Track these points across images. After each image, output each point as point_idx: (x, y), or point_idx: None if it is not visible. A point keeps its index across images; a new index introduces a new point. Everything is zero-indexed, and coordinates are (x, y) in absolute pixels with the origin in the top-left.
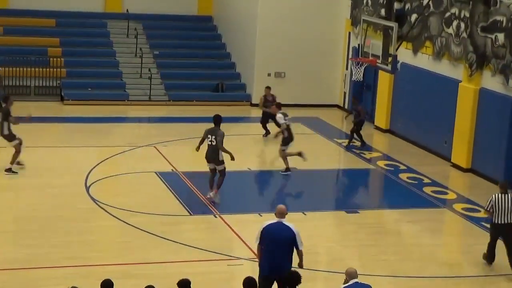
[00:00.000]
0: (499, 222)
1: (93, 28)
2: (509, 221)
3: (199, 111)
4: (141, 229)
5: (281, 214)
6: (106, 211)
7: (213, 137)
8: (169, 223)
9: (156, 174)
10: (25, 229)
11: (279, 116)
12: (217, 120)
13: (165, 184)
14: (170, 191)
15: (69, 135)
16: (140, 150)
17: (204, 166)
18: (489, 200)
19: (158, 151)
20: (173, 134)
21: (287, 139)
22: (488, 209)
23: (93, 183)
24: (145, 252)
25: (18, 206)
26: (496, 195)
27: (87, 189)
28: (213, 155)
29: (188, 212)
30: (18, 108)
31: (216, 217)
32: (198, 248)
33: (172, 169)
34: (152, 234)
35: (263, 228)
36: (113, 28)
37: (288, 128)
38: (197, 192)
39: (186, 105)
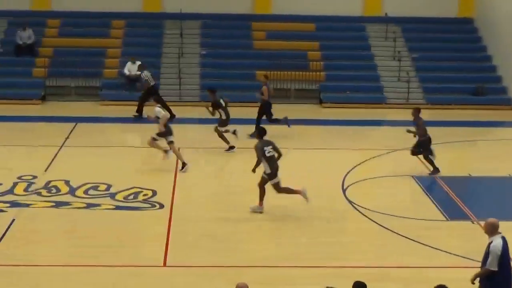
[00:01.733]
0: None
1: (352, 31)
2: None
3: (457, 115)
4: (397, 233)
5: (498, 228)
6: (361, 213)
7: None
8: (425, 227)
9: (413, 177)
10: (284, 227)
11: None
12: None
13: (422, 188)
14: (427, 195)
15: (327, 138)
16: (397, 153)
17: (463, 171)
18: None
19: None
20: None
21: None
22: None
23: (350, 185)
24: (400, 256)
25: (280, 205)
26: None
27: (344, 191)
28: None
29: (445, 217)
30: (278, 110)
31: (473, 223)
32: (455, 255)
33: (429, 173)
34: (407, 238)
35: (501, 253)
36: (372, 31)
37: None
38: (454, 197)
39: (443, 108)
